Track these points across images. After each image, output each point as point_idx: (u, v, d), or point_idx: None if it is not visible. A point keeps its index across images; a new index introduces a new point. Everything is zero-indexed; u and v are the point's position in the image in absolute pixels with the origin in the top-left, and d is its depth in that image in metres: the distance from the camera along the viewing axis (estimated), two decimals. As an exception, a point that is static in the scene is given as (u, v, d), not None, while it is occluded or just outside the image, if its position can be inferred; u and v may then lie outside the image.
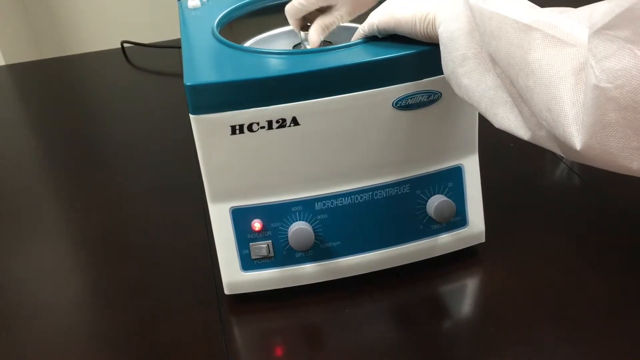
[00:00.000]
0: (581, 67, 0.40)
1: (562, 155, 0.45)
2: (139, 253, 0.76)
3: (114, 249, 0.77)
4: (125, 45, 1.31)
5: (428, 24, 0.54)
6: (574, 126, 0.40)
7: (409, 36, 0.57)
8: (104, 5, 1.89)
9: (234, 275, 0.64)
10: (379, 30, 0.59)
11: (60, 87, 1.25)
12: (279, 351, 0.62)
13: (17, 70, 1.37)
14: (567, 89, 0.40)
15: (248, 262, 0.63)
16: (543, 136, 0.45)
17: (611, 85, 0.36)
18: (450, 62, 0.52)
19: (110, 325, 0.66)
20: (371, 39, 0.61)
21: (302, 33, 0.70)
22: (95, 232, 0.81)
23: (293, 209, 0.62)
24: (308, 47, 0.69)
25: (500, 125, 0.49)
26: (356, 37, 0.62)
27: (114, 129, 1.08)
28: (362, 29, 0.61)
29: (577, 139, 0.40)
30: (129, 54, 1.30)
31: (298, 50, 0.69)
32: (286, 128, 0.58)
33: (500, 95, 0.48)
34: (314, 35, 0.66)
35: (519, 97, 0.46)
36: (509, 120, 0.48)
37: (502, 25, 0.45)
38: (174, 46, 1.27)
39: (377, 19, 0.59)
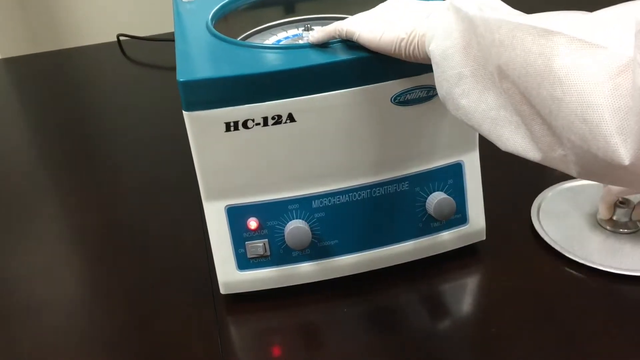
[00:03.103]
0: (619, 70, 0.35)
1: (578, 177, 0.41)
2: (135, 252, 0.75)
3: (109, 247, 0.76)
4: (122, 38, 1.29)
5: (414, 46, 0.50)
6: (618, 136, 0.36)
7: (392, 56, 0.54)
8: (101, -2, 1.88)
9: (229, 275, 0.63)
10: (360, 43, 0.55)
11: (56, 81, 1.24)
12: (275, 351, 0.61)
13: (13, 63, 1.36)
14: (605, 95, 0.36)
15: (244, 261, 0.62)
16: (556, 157, 0.41)
17: None
18: (444, 81, 0.48)
19: (106, 324, 0.65)
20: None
21: (301, 29, 0.69)
22: (90, 230, 0.80)
23: (289, 207, 0.61)
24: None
25: (506, 147, 0.45)
26: (328, 34, 0.58)
27: (111, 123, 1.07)
28: (339, 31, 0.57)
29: (623, 151, 0.36)
30: (125, 47, 1.29)
31: (294, 44, 0.68)
32: (282, 124, 0.57)
33: (504, 115, 0.44)
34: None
35: (533, 114, 0.42)
36: (515, 141, 0.44)
37: (516, 33, 0.40)
38: (170, 39, 1.25)
39: (359, 31, 0.55)
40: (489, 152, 0.69)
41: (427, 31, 0.49)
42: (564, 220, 0.71)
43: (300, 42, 0.69)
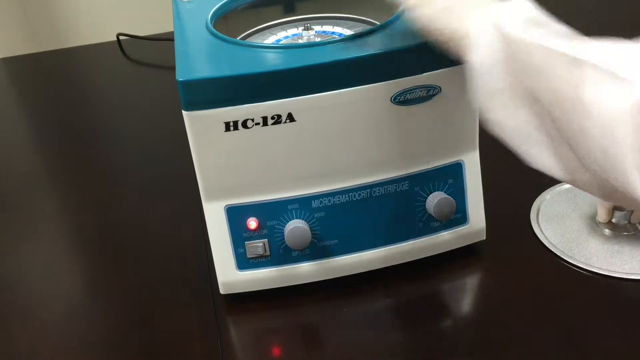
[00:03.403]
0: None
1: (603, 200, 0.42)
2: (134, 251, 0.75)
3: (109, 247, 0.76)
4: (121, 37, 1.29)
5: (452, 45, 0.49)
6: (637, 173, 0.36)
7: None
8: (100, -3, 1.87)
9: (229, 275, 0.63)
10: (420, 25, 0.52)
11: (56, 80, 1.24)
12: (275, 351, 0.61)
13: (13, 63, 1.35)
14: (628, 131, 0.36)
15: (244, 261, 0.62)
16: (581, 180, 0.42)
17: None
18: (481, 93, 0.47)
19: (106, 324, 0.65)
20: (368, 32, 0.60)
21: (300, 28, 0.69)
22: (90, 230, 0.80)
23: (289, 207, 0.61)
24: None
25: (534, 165, 0.45)
26: None
27: (110, 123, 1.07)
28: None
29: None
30: (124, 47, 1.29)
31: (294, 44, 0.68)
32: (282, 124, 0.57)
33: (535, 134, 0.44)
34: None
35: (560, 138, 0.42)
36: (542, 160, 0.44)
37: (549, 59, 0.40)
38: (170, 39, 1.25)
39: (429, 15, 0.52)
40: (489, 152, 0.69)
41: (469, 37, 0.47)
42: (563, 223, 0.71)
43: (300, 41, 0.69)
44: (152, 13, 1.63)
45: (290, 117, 0.56)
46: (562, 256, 0.66)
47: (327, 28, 0.71)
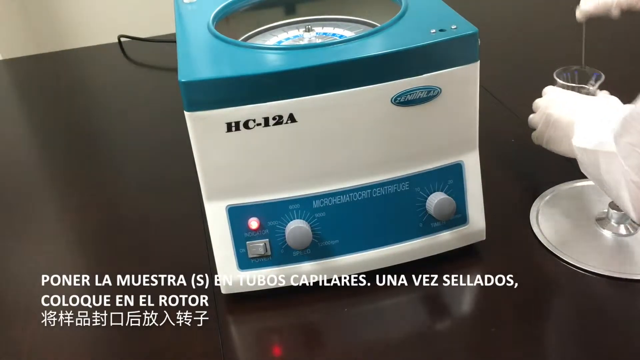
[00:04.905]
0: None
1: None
2: (136, 251, 0.75)
3: (110, 247, 0.77)
4: (123, 39, 1.29)
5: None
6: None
7: None
8: (102, -1, 1.88)
9: (230, 274, 0.63)
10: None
11: (57, 82, 1.24)
12: (276, 351, 0.62)
13: (14, 64, 1.36)
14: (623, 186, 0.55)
15: (245, 261, 0.62)
16: None
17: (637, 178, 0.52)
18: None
19: (107, 324, 0.65)
20: (369, 34, 0.60)
21: (301, 30, 0.69)
22: (91, 230, 0.80)
23: (290, 207, 0.61)
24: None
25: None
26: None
27: (111, 124, 1.07)
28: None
29: (633, 215, 0.56)
30: (126, 49, 1.29)
31: (295, 45, 0.68)
32: (283, 125, 0.57)
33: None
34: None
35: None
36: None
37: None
38: (172, 40, 1.26)
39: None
40: (489, 153, 0.69)
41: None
42: (562, 223, 0.71)
43: (301, 43, 0.69)
44: (153, 15, 1.64)
45: (292, 118, 0.57)
46: (561, 256, 0.66)
47: (328, 30, 0.71)
